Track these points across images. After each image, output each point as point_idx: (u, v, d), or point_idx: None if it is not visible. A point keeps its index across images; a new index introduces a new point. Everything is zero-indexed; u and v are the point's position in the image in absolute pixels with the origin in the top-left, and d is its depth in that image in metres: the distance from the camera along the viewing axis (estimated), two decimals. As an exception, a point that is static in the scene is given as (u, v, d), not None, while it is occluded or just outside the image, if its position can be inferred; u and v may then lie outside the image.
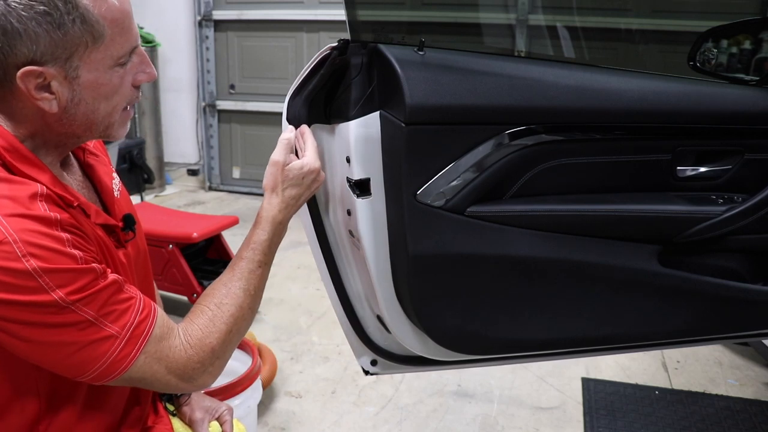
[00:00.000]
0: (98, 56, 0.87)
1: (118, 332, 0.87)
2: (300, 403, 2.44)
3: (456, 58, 1.14)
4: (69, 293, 0.82)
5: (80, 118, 0.90)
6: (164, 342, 0.93)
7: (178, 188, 5.50)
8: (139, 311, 0.90)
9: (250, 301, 1.02)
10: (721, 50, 2.26)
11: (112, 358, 0.87)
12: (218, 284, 1.03)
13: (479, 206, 1.15)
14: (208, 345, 0.96)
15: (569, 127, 1.17)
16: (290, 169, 1.09)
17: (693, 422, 2.32)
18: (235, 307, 1.00)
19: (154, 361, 0.91)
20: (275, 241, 1.08)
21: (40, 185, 0.86)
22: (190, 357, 0.95)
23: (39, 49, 0.83)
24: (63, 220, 0.85)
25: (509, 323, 1.23)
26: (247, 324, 1.04)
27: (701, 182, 1.26)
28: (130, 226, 1.05)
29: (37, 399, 0.92)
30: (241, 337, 1.02)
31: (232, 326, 0.99)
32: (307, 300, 3.33)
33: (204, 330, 0.97)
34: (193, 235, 2.79)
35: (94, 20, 0.85)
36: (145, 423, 1.14)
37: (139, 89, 0.96)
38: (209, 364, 0.97)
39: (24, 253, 0.79)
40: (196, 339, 0.96)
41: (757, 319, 1.33)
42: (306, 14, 4.87)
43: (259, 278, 1.04)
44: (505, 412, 2.40)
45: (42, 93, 0.86)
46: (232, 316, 0.99)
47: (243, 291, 1.02)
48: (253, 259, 1.05)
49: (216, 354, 0.97)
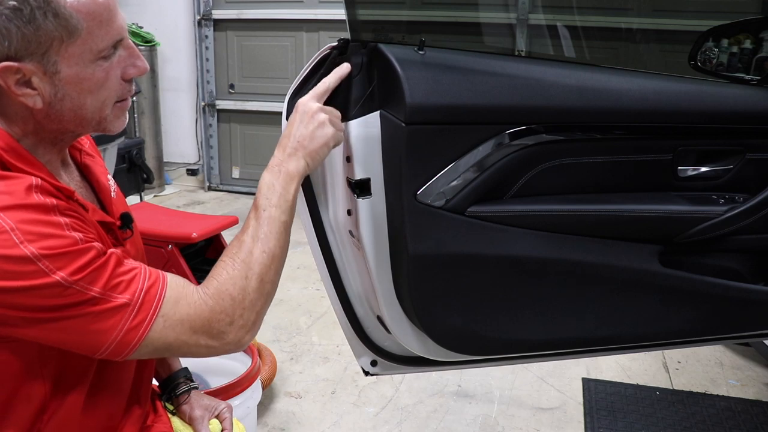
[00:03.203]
0: (76, 50, 0.86)
1: (129, 299, 0.86)
2: (300, 403, 2.43)
3: (456, 58, 1.14)
4: (71, 273, 0.82)
5: (68, 113, 0.90)
6: (182, 301, 0.91)
7: (178, 188, 5.50)
8: (147, 277, 0.89)
9: (261, 244, 0.99)
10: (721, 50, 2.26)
11: (127, 326, 0.86)
12: (232, 240, 1.02)
13: (479, 206, 1.14)
14: (227, 293, 0.94)
15: (570, 127, 1.16)
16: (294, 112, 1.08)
17: (694, 423, 2.32)
18: (245, 253, 0.97)
19: (175, 323, 0.90)
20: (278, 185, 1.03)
21: (35, 177, 0.86)
22: (212, 308, 0.93)
23: (12, 45, 0.83)
24: (60, 206, 0.85)
25: (510, 323, 1.23)
26: (266, 269, 0.98)
27: (702, 182, 1.25)
28: (128, 225, 1.05)
29: (43, 387, 0.92)
30: (264, 284, 0.98)
31: (247, 272, 0.96)
32: (307, 300, 3.33)
33: (219, 279, 0.95)
34: (193, 235, 2.78)
35: (68, 14, 0.84)
36: (145, 421, 1.14)
37: (131, 83, 0.95)
38: (235, 315, 0.95)
39: (21, 240, 0.79)
40: (213, 289, 0.94)
41: (758, 319, 1.33)
42: (306, 14, 4.87)
43: (267, 221, 1.00)
44: (506, 412, 2.39)
45: (23, 89, 0.86)
46: (244, 262, 0.97)
47: (251, 237, 0.99)
48: (257, 205, 1.02)
49: (238, 301, 0.95)
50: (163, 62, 5.49)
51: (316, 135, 1.05)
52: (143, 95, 5.00)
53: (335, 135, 1.08)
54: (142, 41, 4.98)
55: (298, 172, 1.05)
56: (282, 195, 1.02)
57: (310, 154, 1.06)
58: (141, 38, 4.98)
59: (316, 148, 1.06)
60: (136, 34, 4.94)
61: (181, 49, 5.55)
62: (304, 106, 1.08)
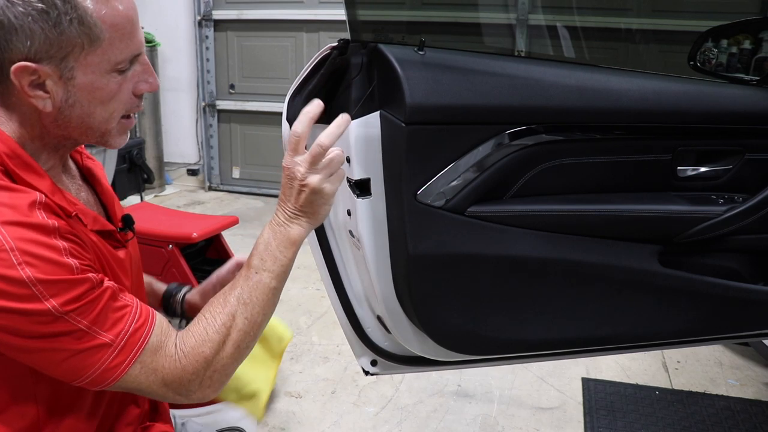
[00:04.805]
0: (95, 59, 0.87)
1: (112, 340, 0.86)
2: (300, 403, 2.44)
3: (456, 58, 1.14)
4: (63, 303, 0.82)
5: (75, 120, 0.90)
6: (160, 352, 0.91)
7: (178, 188, 5.50)
8: (135, 318, 0.89)
9: (245, 310, 0.96)
10: (721, 50, 2.26)
11: (105, 365, 0.86)
12: (218, 294, 0.99)
13: (479, 206, 1.14)
14: (201, 354, 0.93)
15: (569, 127, 1.16)
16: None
17: (693, 422, 2.32)
18: (227, 316, 0.95)
19: (150, 371, 0.90)
20: (275, 247, 0.99)
21: (39, 194, 0.86)
22: (184, 367, 0.92)
23: (34, 46, 0.83)
24: (61, 228, 0.85)
25: (509, 323, 1.23)
26: (244, 336, 0.96)
27: (702, 182, 1.25)
28: (130, 226, 1.05)
29: (35, 405, 0.92)
30: (240, 350, 0.96)
31: (225, 336, 0.94)
32: (307, 300, 3.33)
33: (197, 338, 0.93)
34: (193, 235, 2.78)
35: (92, 22, 0.85)
36: (144, 421, 1.14)
37: (140, 98, 0.96)
38: (205, 376, 0.93)
39: (20, 262, 0.79)
40: (189, 347, 0.93)
41: (757, 319, 1.33)
42: (306, 14, 4.87)
43: (255, 286, 0.97)
44: (506, 412, 2.40)
45: (36, 91, 0.86)
46: (224, 325, 0.94)
47: (236, 299, 0.96)
48: (249, 264, 0.99)
49: (210, 365, 0.93)
50: (164, 62, 5.49)
51: (313, 200, 0.99)
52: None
53: (333, 191, 1.01)
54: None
55: (299, 238, 1.01)
56: (278, 260, 0.99)
57: (312, 218, 1.01)
58: (141, 38, 4.98)
59: (316, 211, 1.01)
60: (136, 34, 4.93)
61: (181, 50, 5.55)
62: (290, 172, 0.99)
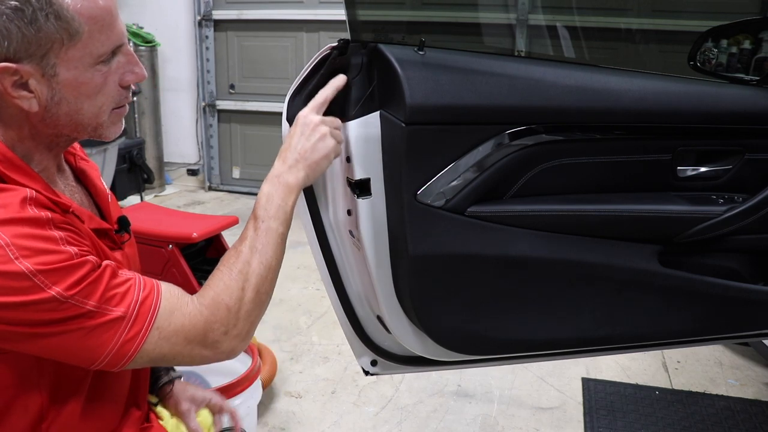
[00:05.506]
0: (76, 54, 0.86)
1: (124, 312, 0.86)
2: (300, 403, 2.44)
3: (456, 58, 1.14)
4: (66, 288, 0.82)
5: (64, 117, 0.90)
6: (176, 312, 0.91)
7: (178, 188, 5.50)
8: (141, 288, 0.89)
9: (258, 256, 0.99)
10: (721, 50, 2.26)
11: (123, 338, 0.86)
12: (229, 250, 1.03)
13: (479, 206, 1.15)
14: (222, 303, 0.95)
15: (569, 127, 1.16)
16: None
17: (693, 422, 2.32)
18: (243, 263, 0.98)
19: (170, 334, 0.90)
20: (277, 196, 1.03)
21: (30, 189, 0.85)
22: (207, 319, 0.93)
23: (12, 45, 0.82)
24: (55, 219, 0.85)
25: (509, 323, 1.23)
26: (262, 280, 0.99)
27: (702, 182, 1.26)
28: (125, 228, 1.05)
29: (40, 397, 0.92)
30: (260, 295, 0.99)
31: (244, 282, 0.97)
32: (307, 300, 3.33)
33: (216, 289, 0.96)
34: (193, 235, 2.78)
35: (70, 17, 0.83)
36: (143, 423, 1.14)
37: (128, 89, 0.95)
38: (230, 325, 0.95)
39: (17, 256, 0.79)
40: (209, 299, 0.95)
41: (757, 319, 1.33)
42: (306, 14, 4.87)
43: (265, 233, 1.01)
44: (505, 412, 2.40)
45: (20, 91, 0.85)
46: (241, 272, 0.97)
47: (248, 248, 1.00)
48: (255, 215, 1.02)
49: (234, 313, 0.95)
50: (164, 62, 5.49)
51: (318, 147, 1.06)
52: (143, 95, 4.99)
53: (336, 147, 1.09)
54: (143, 42, 4.96)
55: (298, 184, 1.05)
56: (280, 206, 1.03)
57: (311, 166, 1.06)
58: (141, 39, 4.97)
59: (316, 160, 1.07)
60: (136, 34, 4.92)
61: (181, 50, 5.56)
62: (304, 118, 1.08)
